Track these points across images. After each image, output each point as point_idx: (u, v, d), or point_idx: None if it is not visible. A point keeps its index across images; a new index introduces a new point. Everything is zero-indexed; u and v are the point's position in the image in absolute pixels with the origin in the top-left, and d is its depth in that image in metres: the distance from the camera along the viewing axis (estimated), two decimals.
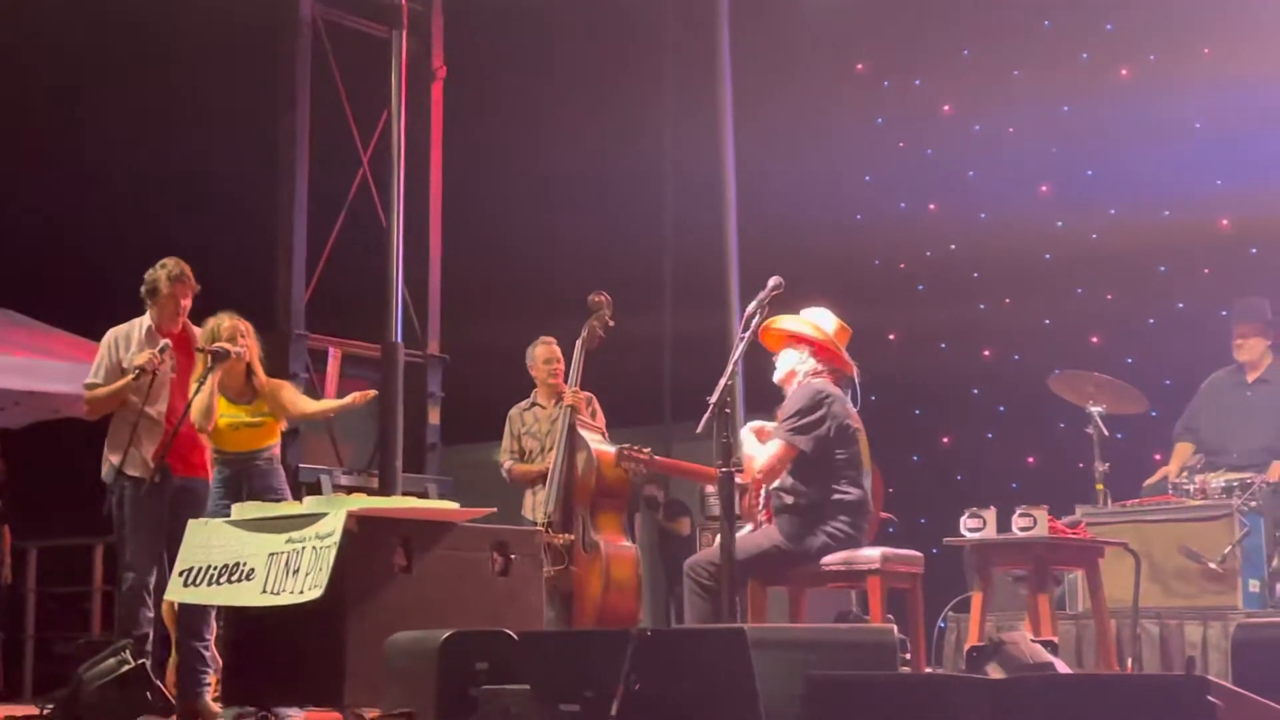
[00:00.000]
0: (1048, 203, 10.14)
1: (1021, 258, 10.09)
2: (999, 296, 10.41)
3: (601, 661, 3.84)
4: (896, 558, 5.85)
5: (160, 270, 6.87)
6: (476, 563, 5.91)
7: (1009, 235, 10.02)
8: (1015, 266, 10.16)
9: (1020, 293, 10.26)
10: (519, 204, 12.07)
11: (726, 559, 5.20)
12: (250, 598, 5.72)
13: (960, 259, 10.59)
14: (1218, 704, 2.98)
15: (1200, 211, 9.35)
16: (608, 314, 7.56)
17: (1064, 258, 10.06)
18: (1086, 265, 9.93)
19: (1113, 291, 9.82)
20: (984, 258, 10.37)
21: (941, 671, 6.50)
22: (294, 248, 10.14)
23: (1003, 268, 10.27)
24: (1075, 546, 6.07)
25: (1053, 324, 10.13)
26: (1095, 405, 7.22)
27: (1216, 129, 9.45)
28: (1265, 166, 9.12)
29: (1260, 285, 8.33)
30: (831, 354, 5.99)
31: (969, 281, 10.51)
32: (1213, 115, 9.44)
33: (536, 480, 7.76)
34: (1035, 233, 10.05)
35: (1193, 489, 7.08)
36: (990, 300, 10.43)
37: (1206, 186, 9.29)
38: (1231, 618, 6.46)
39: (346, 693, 5.47)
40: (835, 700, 3.52)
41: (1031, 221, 10.03)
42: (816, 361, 5.97)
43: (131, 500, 6.67)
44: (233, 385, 6.85)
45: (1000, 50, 10.32)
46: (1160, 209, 9.26)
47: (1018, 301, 10.29)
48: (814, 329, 6.00)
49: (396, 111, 9.97)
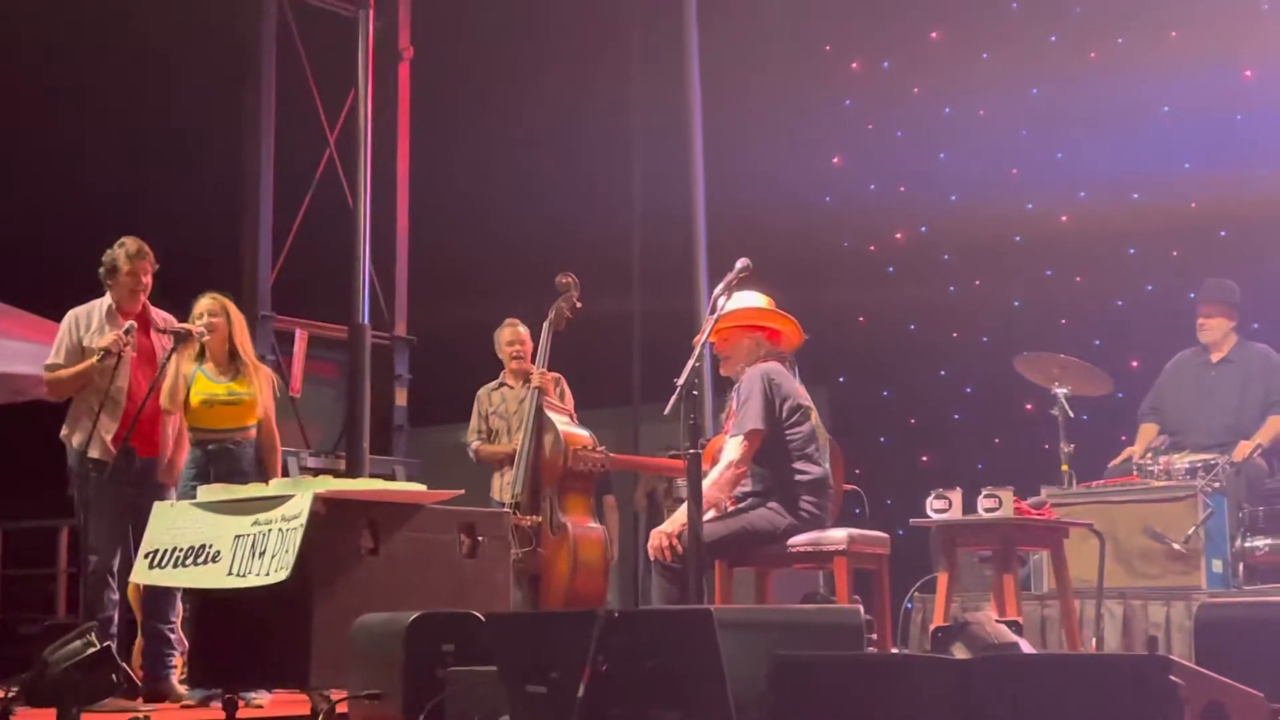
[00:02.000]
0: (1018, 185, 10.18)
1: (991, 240, 10.12)
2: (969, 279, 10.43)
3: (568, 643, 3.83)
4: (863, 539, 5.86)
5: (119, 249, 6.81)
6: (444, 545, 5.89)
7: (979, 218, 10.06)
8: (985, 249, 10.19)
9: (990, 275, 10.28)
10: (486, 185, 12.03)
11: (694, 541, 5.19)
12: (216, 580, 5.69)
13: (930, 241, 10.61)
14: (1180, 683, 2.98)
15: (1169, 194, 9.40)
16: (575, 295, 7.54)
17: (1033, 240, 10.09)
18: (1056, 247, 9.96)
19: (1081, 274, 9.86)
20: (954, 240, 10.40)
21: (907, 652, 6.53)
22: (260, 229, 10.11)
23: (973, 250, 10.29)
24: (1040, 527, 6.08)
25: (1022, 306, 10.16)
26: (1060, 386, 7.24)
27: (1184, 112, 9.49)
28: (1233, 149, 9.17)
29: (1228, 267, 8.37)
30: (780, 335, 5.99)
31: (939, 264, 10.52)
32: (1180, 98, 9.48)
33: (504, 461, 7.76)
34: (1005, 215, 10.09)
35: (1157, 470, 7.11)
36: (960, 282, 10.45)
37: (1175, 169, 9.34)
38: (1195, 598, 6.50)
39: (313, 675, 5.44)
40: (801, 680, 3.51)
41: (1001, 204, 10.07)
42: (771, 347, 5.97)
43: (95, 482, 6.62)
44: (216, 359, 6.85)
45: (969, 33, 10.34)
46: (1129, 191, 9.31)
47: (987, 284, 10.31)
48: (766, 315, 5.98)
49: (363, 91, 9.93)
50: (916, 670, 3.49)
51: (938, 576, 6.26)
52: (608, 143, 12.03)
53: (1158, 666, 3.03)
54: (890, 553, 6.04)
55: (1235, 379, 7.72)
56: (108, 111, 11.15)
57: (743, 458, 5.76)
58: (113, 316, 6.81)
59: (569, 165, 11.74)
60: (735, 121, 10.62)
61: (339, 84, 10.32)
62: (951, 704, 3.23)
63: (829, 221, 10.88)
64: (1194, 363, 7.94)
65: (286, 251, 10.31)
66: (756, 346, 5.96)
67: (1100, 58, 9.83)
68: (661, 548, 5.57)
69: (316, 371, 10.56)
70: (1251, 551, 7.03)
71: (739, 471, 5.78)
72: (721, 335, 5.87)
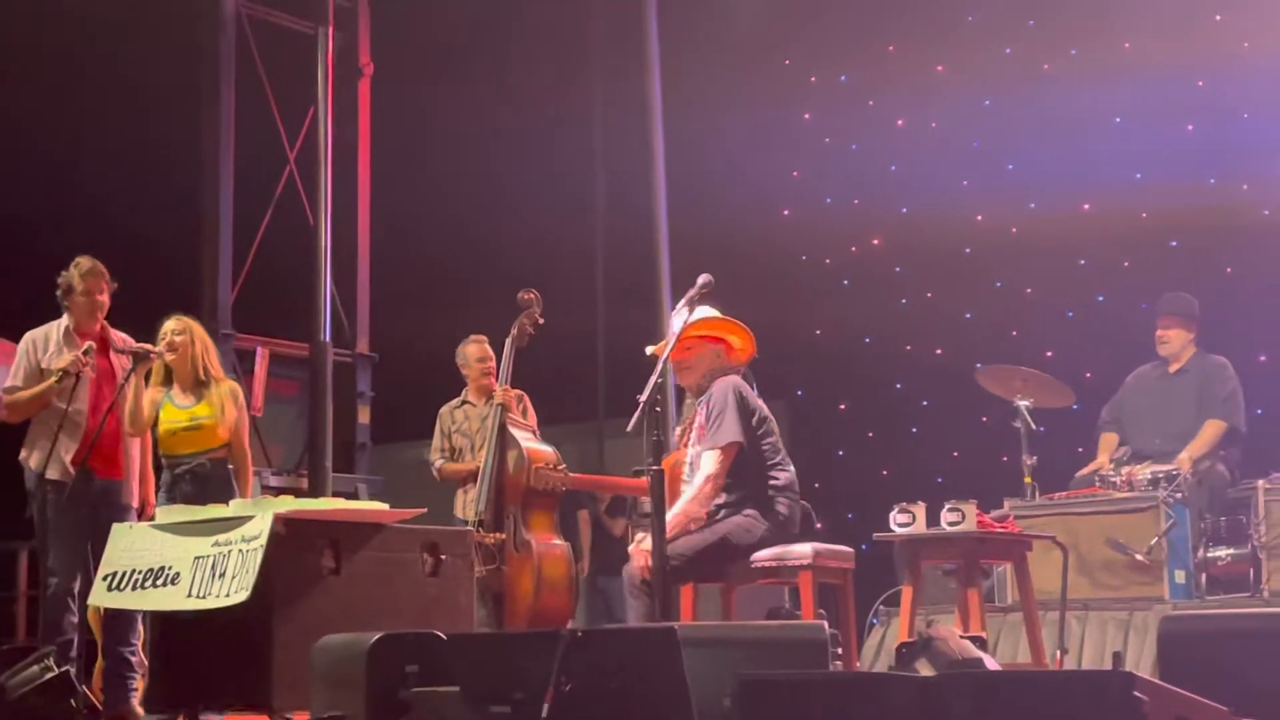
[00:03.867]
0: (969, 196, 10.19)
1: (942, 252, 10.13)
2: (921, 291, 10.45)
3: (532, 662, 3.82)
4: (828, 553, 5.86)
5: (73, 269, 6.77)
6: (406, 564, 5.86)
7: (930, 230, 10.07)
8: (936, 261, 10.21)
9: (941, 287, 10.30)
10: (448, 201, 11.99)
11: (660, 558, 5.18)
12: (176, 602, 5.64)
13: (883, 254, 10.64)
14: (1144, 699, 2.98)
15: (1120, 204, 9.42)
16: (537, 311, 7.53)
17: (984, 251, 10.12)
18: (1006, 259, 9.98)
19: (1032, 285, 9.88)
20: (906, 252, 10.42)
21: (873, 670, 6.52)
22: (220, 246, 10.05)
23: (924, 262, 10.32)
24: (1003, 540, 6.10)
25: (973, 318, 10.18)
26: (1022, 399, 7.26)
27: (1136, 122, 9.53)
28: (1184, 159, 9.21)
29: (1179, 277, 8.42)
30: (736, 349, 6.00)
31: (891, 276, 10.55)
32: (1133, 108, 9.52)
33: (467, 479, 7.73)
34: (955, 227, 10.09)
35: (1119, 481, 7.14)
36: (912, 295, 10.48)
37: (1126, 179, 9.37)
38: (1158, 609, 6.53)
39: (275, 696, 5.42)
40: (765, 700, 3.50)
41: (952, 216, 10.08)
42: (727, 360, 5.99)
43: (54, 504, 6.57)
44: (182, 383, 6.80)
45: (925, 45, 10.36)
46: (1080, 202, 9.33)
47: (939, 296, 10.33)
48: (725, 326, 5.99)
49: (323, 108, 9.90)
50: (881, 688, 3.49)
51: (902, 590, 6.26)
52: (570, 158, 12.02)
53: (1121, 682, 3.03)
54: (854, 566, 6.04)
55: (1191, 389, 7.76)
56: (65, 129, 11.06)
57: (720, 471, 5.76)
58: (70, 338, 6.76)
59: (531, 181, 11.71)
60: (698, 137, 10.62)
61: (299, 101, 10.27)
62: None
63: (787, 235, 10.89)
64: (1153, 375, 7.98)
65: (247, 269, 10.25)
66: (716, 358, 5.98)
67: (1053, 69, 9.86)
68: (645, 566, 5.55)
69: (278, 390, 10.49)
70: (1214, 561, 7.06)
71: (717, 485, 5.78)
72: (683, 345, 5.88)
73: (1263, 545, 6.84)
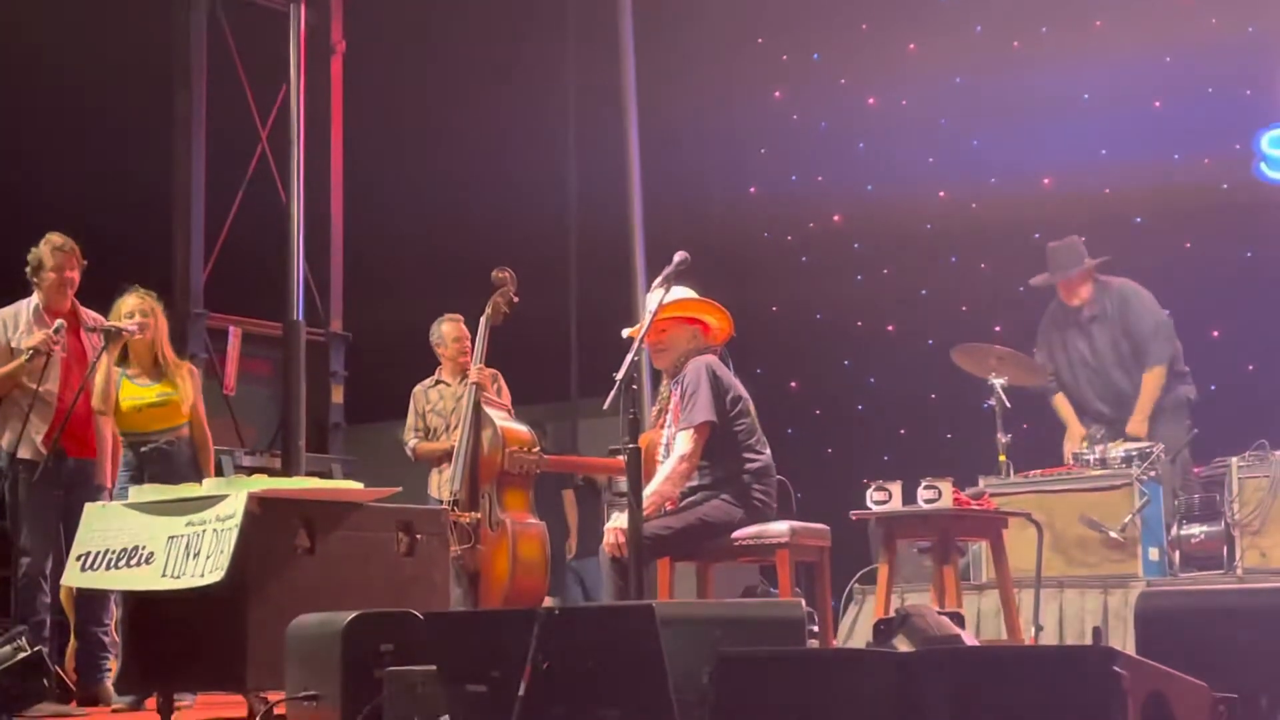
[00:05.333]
0: (932, 173, 10.19)
1: (903, 229, 10.12)
2: (878, 267, 10.45)
3: (509, 641, 3.79)
4: (805, 531, 5.85)
5: (44, 245, 6.71)
6: (381, 543, 5.83)
7: (893, 206, 10.05)
8: (895, 237, 10.21)
9: (898, 264, 10.31)
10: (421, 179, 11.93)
11: (635, 535, 5.17)
12: (150, 582, 5.61)
13: (843, 230, 10.64)
14: (1123, 674, 2.98)
15: (1083, 181, 9.43)
16: (512, 290, 7.48)
17: (943, 227, 10.12)
18: (964, 235, 9.98)
19: (987, 261, 9.88)
20: (867, 229, 10.42)
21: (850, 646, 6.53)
22: (192, 225, 10.00)
23: (883, 239, 10.32)
24: (979, 518, 6.11)
25: (928, 294, 10.18)
26: (997, 377, 7.27)
27: (1104, 99, 9.54)
28: (1150, 135, 9.22)
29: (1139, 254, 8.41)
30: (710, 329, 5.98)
31: (849, 252, 10.55)
32: (1101, 86, 9.52)
33: (442, 459, 7.69)
34: (918, 203, 10.09)
35: (1093, 459, 7.16)
36: (868, 271, 10.48)
37: (1092, 156, 9.38)
38: (1133, 586, 6.55)
39: (249, 677, 5.38)
40: (743, 677, 3.49)
41: (916, 192, 10.08)
42: (704, 341, 5.96)
43: (25, 484, 6.53)
44: (138, 364, 6.74)
45: (897, 24, 10.34)
46: (1040, 178, 9.34)
47: (895, 272, 10.34)
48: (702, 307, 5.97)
49: (295, 86, 9.84)
50: (859, 665, 3.48)
51: (878, 568, 6.26)
52: (544, 135, 11.98)
53: (1102, 657, 3.02)
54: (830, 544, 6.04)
55: (1106, 337, 7.82)
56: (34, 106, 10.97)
57: (694, 450, 5.74)
58: (40, 316, 6.71)
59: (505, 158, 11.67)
60: (671, 114, 10.59)
61: (271, 79, 10.21)
62: (894, 698, 3.21)
63: (753, 213, 10.88)
64: (1064, 323, 7.99)
65: (219, 248, 10.20)
66: (693, 339, 5.94)
67: (1023, 47, 9.85)
68: (616, 544, 5.54)
69: (251, 369, 10.46)
70: (1187, 539, 7.09)
71: (691, 465, 5.75)
72: (658, 327, 5.84)
73: (1236, 522, 6.87)
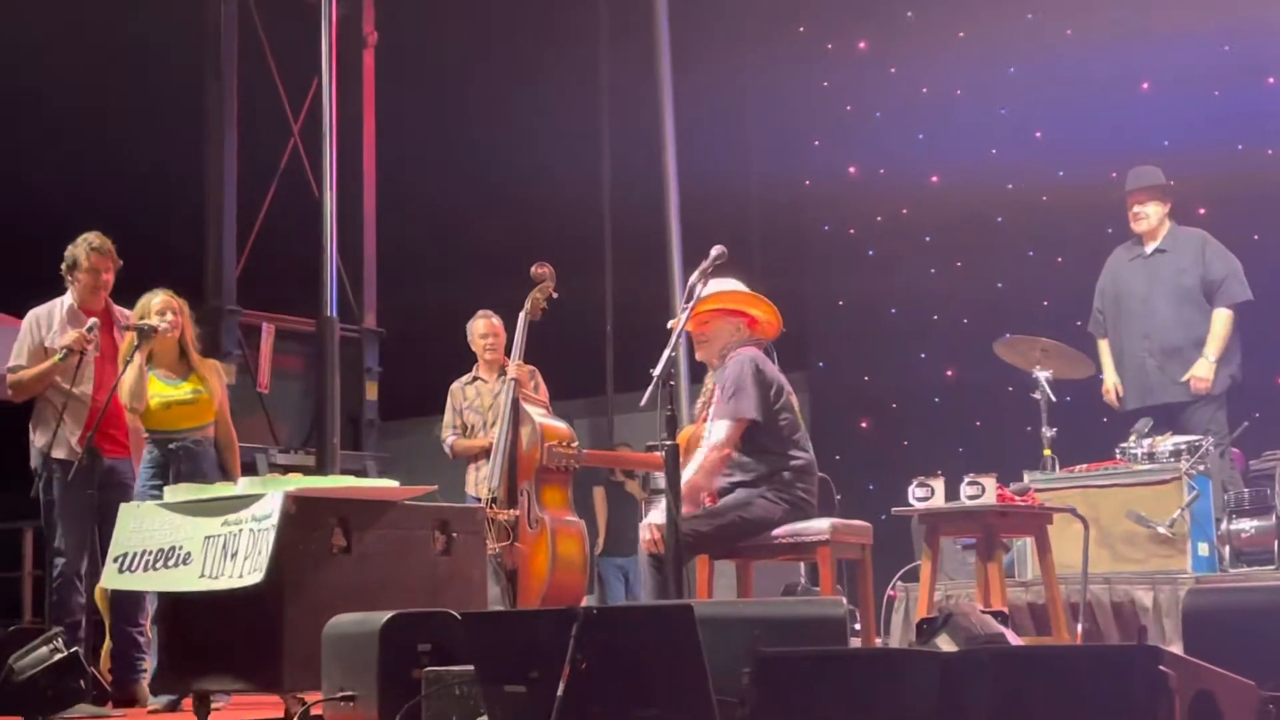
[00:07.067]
0: (997, 165, 10.10)
1: (972, 221, 10.04)
2: (950, 260, 10.36)
3: (547, 641, 3.74)
4: (846, 528, 5.77)
5: (81, 243, 6.72)
6: (418, 542, 5.78)
7: (959, 199, 9.99)
8: (966, 230, 10.13)
9: (971, 256, 10.21)
10: (455, 172, 11.89)
11: (673, 532, 5.09)
12: (188, 583, 5.58)
13: (911, 223, 10.54)
14: (1170, 673, 2.93)
15: None
16: (551, 285, 7.42)
17: (1015, 220, 10.03)
18: (1037, 227, 9.90)
19: (1062, 254, 9.79)
20: (935, 222, 10.33)
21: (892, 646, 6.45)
22: (224, 221, 10.00)
23: (953, 231, 10.23)
24: (1023, 514, 6.02)
25: (1004, 287, 10.09)
26: (1042, 370, 7.17)
27: (1163, 88, 9.46)
28: (1211, 125, 9.10)
29: None
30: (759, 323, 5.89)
31: (920, 246, 10.45)
32: (1160, 74, 9.44)
33: (479, 456, 7.65)
34: (986, 195, 10.02)
35: (1141, 453, 7.03)
36: (940, 265, 10.39)
37: (1155, 146, 9.26)
38: (1181, 582, 6.44)
39: (285, 677, 5.34)
40: (785, 676, 3.45)
41: (982, 184, 10.00)
42: (749, 334, 5.87)
43: (60, 484, 6.53)
44: (165, 363, 6.70)
45: (944, 11, 10.25)
46: (1108, 170, 9.23)
47: (969, 265, 10.25)
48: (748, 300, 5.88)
49: (327, 79, 9.79)
50: (902, 664, 3.43)
51: (920, 565, 6.17)
52: (578, 127, 11.93)
53: (1148, 656, 2.97)
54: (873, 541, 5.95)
55: (1170, 270, 7.68)
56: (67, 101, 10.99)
57: (728, 440, 5.65)
58: (74, 315, 6.72)
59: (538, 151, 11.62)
60: (707, 104, 10.53)
61: (302, 72, 10.19)
62: (937, 698, 3.18)
63: (808, 205, 10.79)
64: (1126, 257, 7.88)
65: (251, 244, 10.20)
66: (736, 332, 5.86)
67: (1077, 34, 9.75)
68: (653, 540, 5.47)
69: (284, 366, 10.45)
70: (1237, 534, 6.96)
71: (724, 454, 5.67)
72: (699, 319, 5.77)
73: None
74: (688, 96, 10.25)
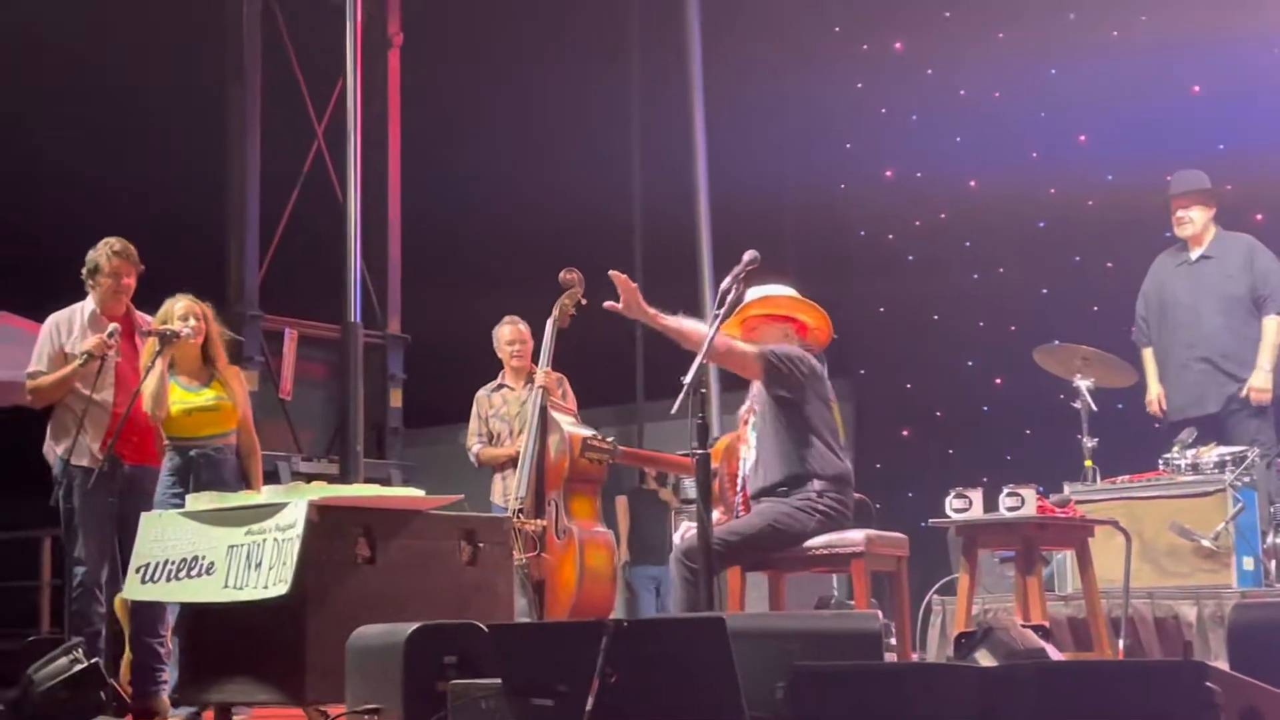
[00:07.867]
0: (1038, 169, 9.98)
1: (1014, 226, 9.93)
2: (992, 266, 10.24)
3: (576, 654, 3.71)
4: (881, 540, 5.65)
5: (103, 248, 6.67)
6: (443, 552, 5.72)
7: (1000, 203, 9.89)
8: (1008, 235, 10.03)
9: (1014, 262, 10.11)
10: (481, 176, 11.84)
11: (704, 544, 4.99)
12: (212, 593, 5.53)
13: (951, 228, 10.41)
14: (1216, 689, 2.91)
15: None
16: (579, 291, 7.33)
17: (1058, 225, 9.92)
18: (1083, 232, 9.79)
19: (1112, 260, 9.65)
20: (975, 226, 10.21)
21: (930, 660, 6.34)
22: (247, 225, 9.95)
23: (995, 237, 10.13)
24: (1064, 526, 5.91)
25: (1050, 294, 9.97)
26: (1083, 379, 7.04)
27: (1214, 91, 9.33)
28: (1267, 129, 8.97)
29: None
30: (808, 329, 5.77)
31: (961, 251, 10.33)
32: (1209, 77, 9.32)
33: (506, 465, 7.56)
34: (1027, 200, 9.91)
35: (1184, 464, 6.89)
36: (983, 270, 10.26)
37: (1208, 150, 9.12)
38: (1226, 597, 6.31)
39: (308, 689, 5.29)
40: (819, 691, 3.41)
41: (1023, 188, 9.89)
42: (800, 340, 5.74)
43: (80, 491, 6.46)
44: (187, 369, 6.62)
45: (983, 11, 10.14)
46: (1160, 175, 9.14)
47: (1011, 271, 10.12)
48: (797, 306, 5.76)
49: (352, 81, 9.75)
50: (940, 679, 3.42)
51: (958, 578, 6.04)
52: (608, 130, 11.87)
53: (1194, 672, 2.96)
54: (909, 554, 5.82)
55: (1216, 277, 7.54)
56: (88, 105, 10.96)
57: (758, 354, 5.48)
58: (95, 320, 6.67)
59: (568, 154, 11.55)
60: (739, 107, 10.43)
61: (327, 73, 10.14)
62: (977, 714, 3.16)
63: (843, 209, 10.66)
64: (1171, 264, 7.76)
65: (274, 248, 10.15)
66: (785, 338, 5.74)
67: (1123, 36, 9.62)
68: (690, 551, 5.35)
69: (307, 372, 10.40)
70: None
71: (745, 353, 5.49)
72: (747, 325, 5.67)
73: None
74: (719, 98, 10.16)
